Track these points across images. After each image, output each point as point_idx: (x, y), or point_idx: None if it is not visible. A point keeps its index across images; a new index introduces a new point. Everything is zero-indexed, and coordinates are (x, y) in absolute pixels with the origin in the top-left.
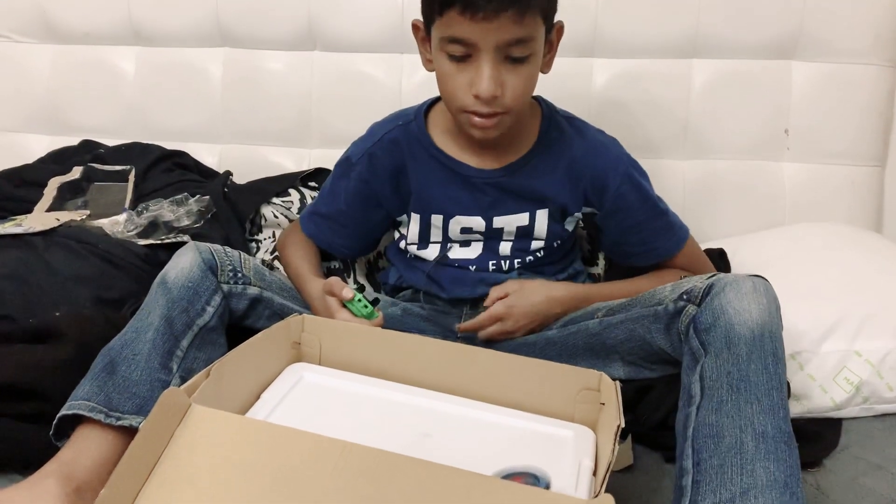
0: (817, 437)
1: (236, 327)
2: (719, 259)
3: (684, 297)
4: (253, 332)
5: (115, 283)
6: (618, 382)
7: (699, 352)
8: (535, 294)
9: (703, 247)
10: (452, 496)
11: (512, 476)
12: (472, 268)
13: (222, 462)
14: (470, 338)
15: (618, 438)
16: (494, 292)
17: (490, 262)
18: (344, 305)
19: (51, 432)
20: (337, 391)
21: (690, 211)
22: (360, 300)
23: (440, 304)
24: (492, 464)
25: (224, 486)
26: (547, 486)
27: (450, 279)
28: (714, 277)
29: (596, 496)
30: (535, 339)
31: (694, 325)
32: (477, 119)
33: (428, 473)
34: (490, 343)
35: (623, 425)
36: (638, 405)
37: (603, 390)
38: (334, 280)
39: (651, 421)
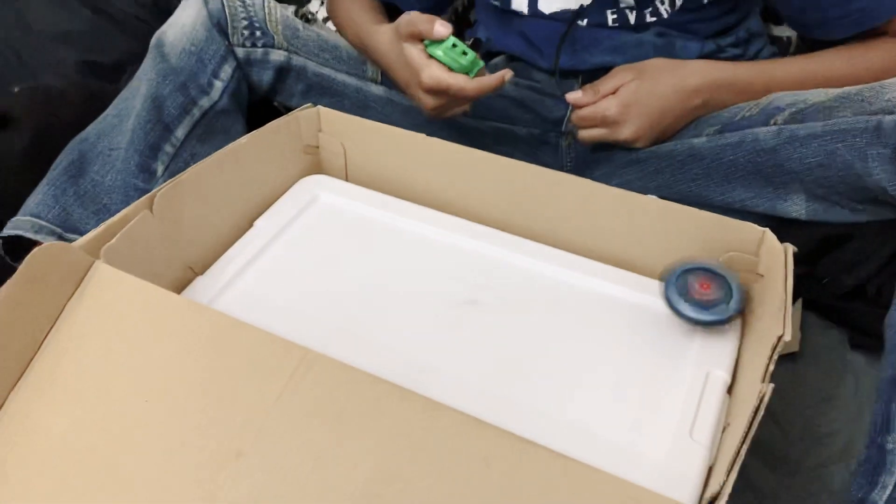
0: None
1: (264, 106)
2: None
3: None
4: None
5: (110, 42)
6: (790, 248)
7: None
8: (663, 83)
9: None
10: (444, 465)
11: (691, 273)
12: (584, 22)
13: (126, 356)
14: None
15: (775, 355)
16: (604, 86)
17: (609, 14)
18: (430, 56)
19: (0, 253)
20: (360, 221)
21: None
22: (455, 45)
23: (540, 79)
24: (567, 356)
25: (121, 398)
26: (739, 311)
27: (551, 40)
28: None
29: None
30: (672, 148)
31: None
32: None
33: (413, 408)
34: (600, 153)
35: (788, 338)
36: (821, 259)
37: (764, 256)
38: (415, 14)
39: (840, 286)
